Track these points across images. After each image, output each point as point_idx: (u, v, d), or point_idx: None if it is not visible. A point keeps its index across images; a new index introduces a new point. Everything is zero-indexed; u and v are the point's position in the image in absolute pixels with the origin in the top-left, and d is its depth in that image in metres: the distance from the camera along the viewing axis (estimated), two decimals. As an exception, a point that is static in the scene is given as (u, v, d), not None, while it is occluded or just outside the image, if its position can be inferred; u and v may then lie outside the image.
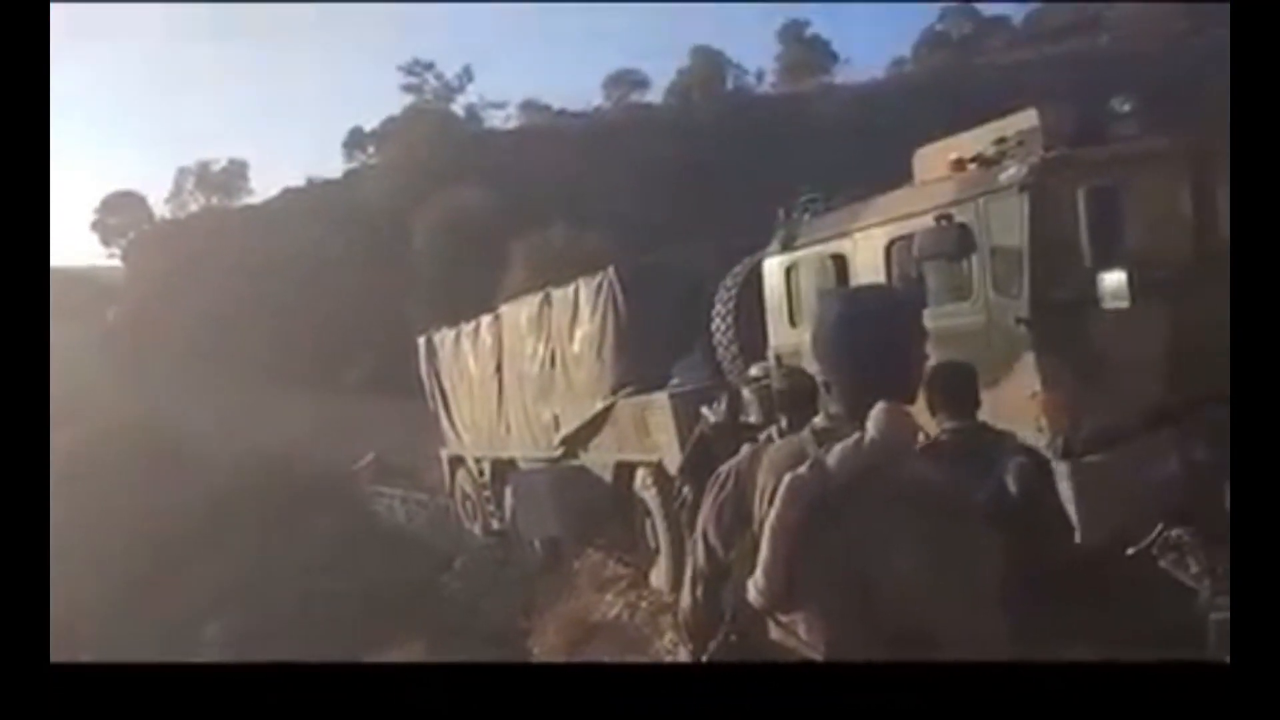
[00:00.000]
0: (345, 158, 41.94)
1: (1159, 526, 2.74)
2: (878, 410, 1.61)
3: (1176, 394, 4.56)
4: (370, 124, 41.56)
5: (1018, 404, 4.61)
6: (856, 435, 1.61)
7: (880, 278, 5.48)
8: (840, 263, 5.83)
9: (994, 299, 4.77)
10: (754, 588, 1.63)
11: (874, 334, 1.74)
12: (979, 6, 44.88)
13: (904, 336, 1.77)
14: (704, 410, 5.87)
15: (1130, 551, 2.87)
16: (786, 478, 1.62)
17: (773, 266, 6.42)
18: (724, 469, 1.86)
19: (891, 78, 38.36)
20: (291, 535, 13.65)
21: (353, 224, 31.83)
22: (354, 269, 29.51)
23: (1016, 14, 45.44)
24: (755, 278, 6.63)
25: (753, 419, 5.31)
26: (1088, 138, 5.14)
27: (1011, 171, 4.81)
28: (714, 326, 6.90)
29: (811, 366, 1.82)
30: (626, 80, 42.09)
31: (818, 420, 1.79)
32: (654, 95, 41.68)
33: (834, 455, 1.61)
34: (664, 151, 28.06)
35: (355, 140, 42.04)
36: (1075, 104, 5.59)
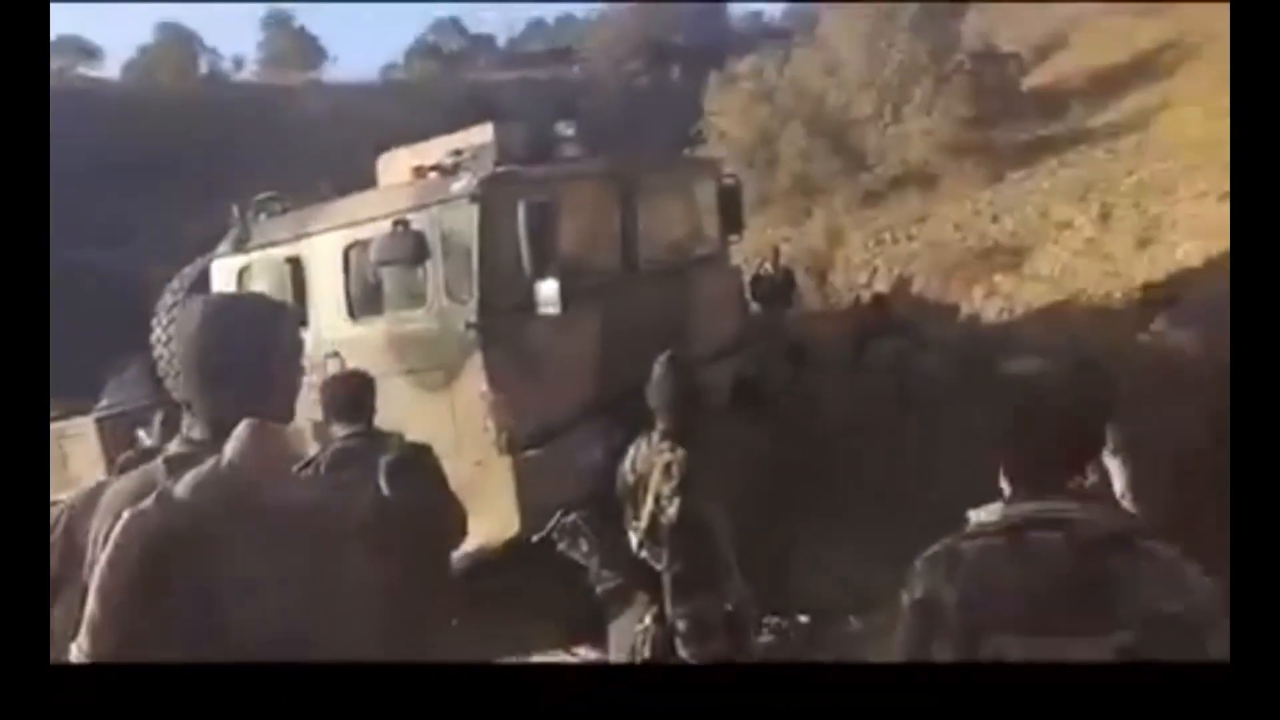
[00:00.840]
0: None
1: (558, 513, 3.02)
2: (240, 430, 1.45)
3: (605, 388, 5.16)
4: None
5: (470, 404, 4.81)
6: (214, 460, 1.43)
7: (338, 282, 5.33)
8: (297, 266, 5.54)
9: (447, 305, 4.91)
10: (77, 649, 1.36)
11: (236, 345, 1.58)
12: (468, 24, 47.19)
13: (270, 347, 1.63)
14: (140, 433, 5.15)
15: (535, 539, 3.12)
16: (125, 515, 1.38)
17: (224, 270, 5.87)
18: (54, 512, 1.55)
19: (382, 82, 38.28)
20: None
21: None
22: None
23: (502, 36, 48.59)
24: (204, 282, 6.00)
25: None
26: (536, 155, 5.57)
27: (463, 183, 4.99)
28: (154, 337, 6.08)
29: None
30: (71, 49, 35.74)
31: (173, 446, 1.58)
32: (110, 70, 36.19)
33: (185, 484, 1.40)
34: (113, 135, 24.21)
35: None
36: (526, 123, 6.02)
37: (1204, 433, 4.56)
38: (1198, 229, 8.29)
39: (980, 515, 1.56)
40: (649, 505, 2.80)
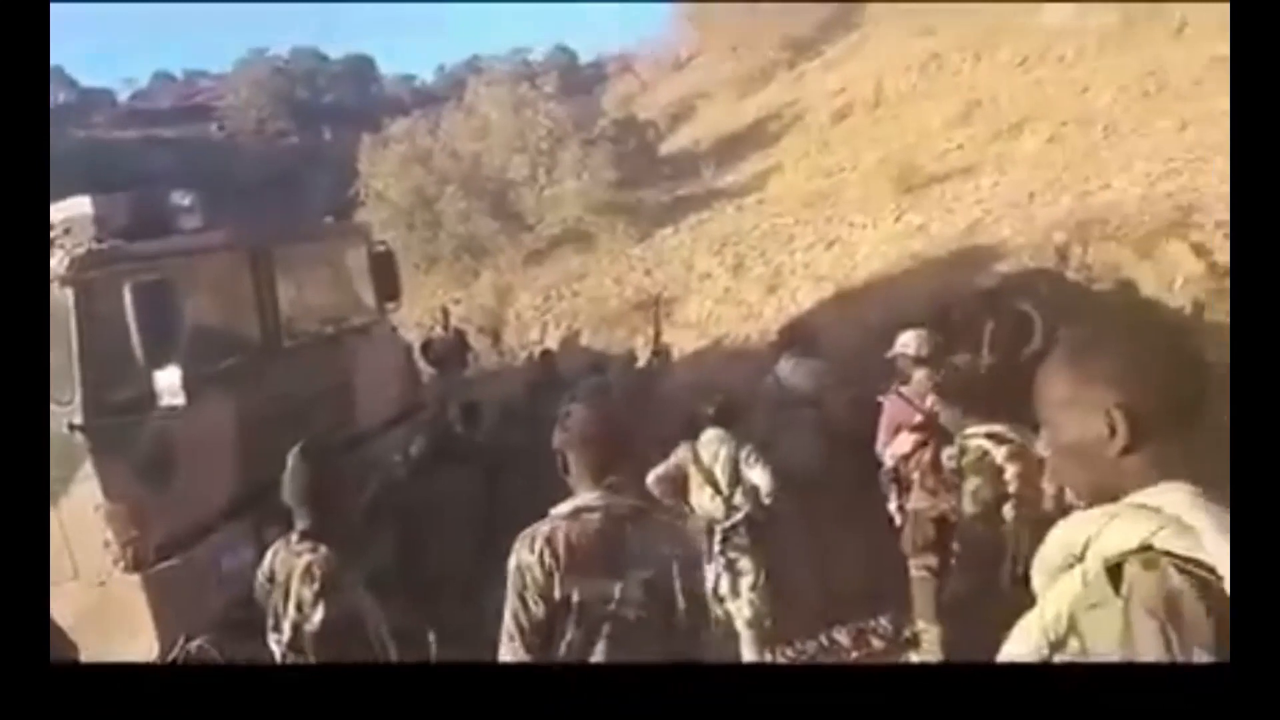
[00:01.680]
0: None
1: (180, 639, 2.65)
2: None
3: (251, 481, 4.65)
4: None
5: (84, 519, 4.12)
6: None
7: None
8: None
9: None
10: None
11: None
12: (79, 77, 41.99)
13: None
14: None
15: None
16: None
17: None
18: None
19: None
20: None
21: None
22: None
23: (123, 92, 43.69)
24: None
25: None
26: (147, 229, 4.94)
27: (53, 264, 4.31)
28: None
29: None
30: None
31: None
32: None
33: None
34: None
35: None
36: (132, 194, 5.34)
37: (813, 452, 5.19)
38: (811, 274, 9.50)
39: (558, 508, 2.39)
40: (291, 614, 2.53)
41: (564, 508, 2.36)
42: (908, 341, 4.51)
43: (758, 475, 4.35)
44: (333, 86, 38.28)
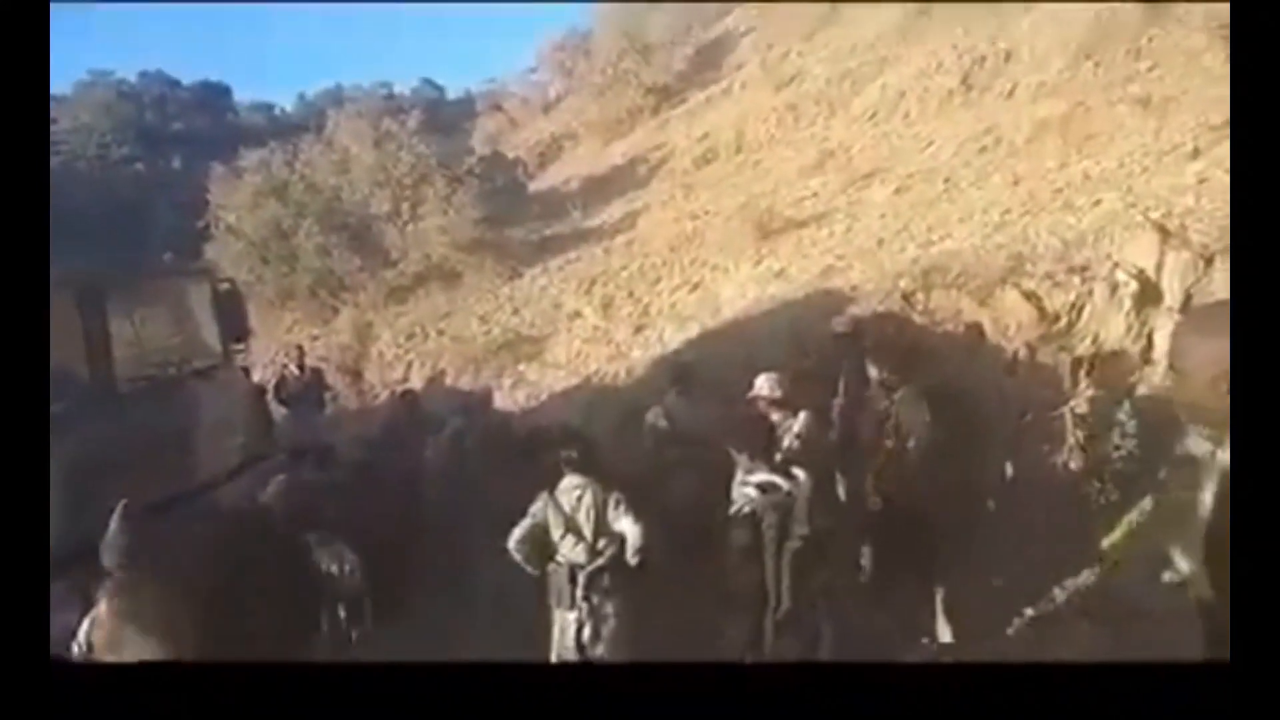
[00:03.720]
0: None
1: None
2: None
3: (81, 538, 4.25)
4: None
5: None
6: None
7: None
8: None
9: None
10: None
11: None
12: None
13: None
14: None
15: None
16: None
17: None
18: None
19: None
20: None
21: None
22: None
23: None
24: None
25: None
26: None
27: None
28: None
29: None
30: None
31: None
32: None
33: None
34: None
35: None
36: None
37: (695, 491, 5.23)
38: (677, 315, 9.65)
39: None
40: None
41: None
42: (761, 384, 4.62)
43: (626, 525, 4.28)
44: (184, 114, 36.48)
